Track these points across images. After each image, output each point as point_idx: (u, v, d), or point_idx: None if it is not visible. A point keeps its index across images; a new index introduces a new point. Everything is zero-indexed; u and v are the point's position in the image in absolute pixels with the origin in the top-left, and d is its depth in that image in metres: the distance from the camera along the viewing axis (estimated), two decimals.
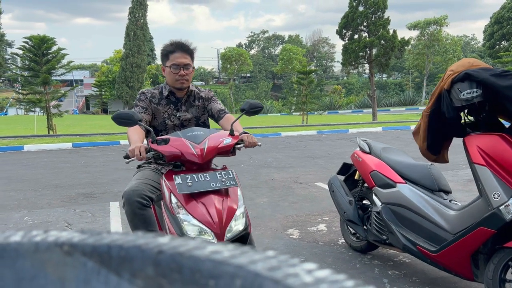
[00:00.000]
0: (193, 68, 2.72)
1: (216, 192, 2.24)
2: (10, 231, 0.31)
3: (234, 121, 2.52)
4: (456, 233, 2.52)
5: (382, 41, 22.46)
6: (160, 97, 2.72)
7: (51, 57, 17.85)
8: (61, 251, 0.28)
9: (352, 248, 3.55)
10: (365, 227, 3.28)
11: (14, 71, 20.59)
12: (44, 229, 0.31)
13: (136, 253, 0.26)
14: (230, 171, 2.33)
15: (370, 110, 26.09)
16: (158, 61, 54.34)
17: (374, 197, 3.14)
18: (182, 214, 2.15)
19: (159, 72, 49.73)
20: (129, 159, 2.30)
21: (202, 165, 2.31)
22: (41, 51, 17.46)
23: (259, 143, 2.55)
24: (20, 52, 17.89)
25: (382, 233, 3.06)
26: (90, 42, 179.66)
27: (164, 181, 2.28)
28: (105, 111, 48.57)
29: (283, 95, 46.35)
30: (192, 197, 2.19)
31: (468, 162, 2.45)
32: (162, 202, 2.36)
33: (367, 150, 3.31)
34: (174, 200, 2.18)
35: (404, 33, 36.79)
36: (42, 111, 18.16)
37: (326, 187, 4.15)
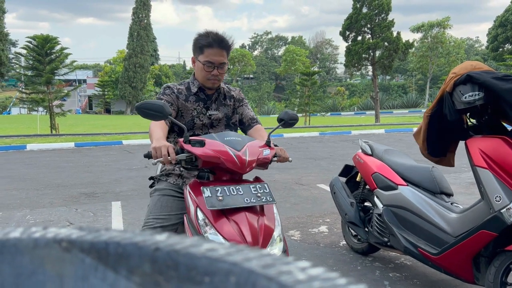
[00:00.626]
0: (228, 66, 2.42)
1: (250, 208, 1.96)
2: (10, 228, 0.32)
3: (272, 131, 2.26)
4: (457, 235, 2.52)
5: (386, 43, 22.44)
6: (188, 94, 2.41)
7: (54, 57, 17.91)
8: (59, 248, 0.28)
9: (353, 250, 3.55)
10: (366, 229, 3.28)
11: (17, 70, 20.66)
12: (43, 225, 0.31)
13: (133, 250, 0.27)
14: (265, 185, 2.06)
15: (373, 112, 26.07)
16: (161, 62, 54.51)
17: (376, 199, 3.14)
18: (210, 234, 1.87)
19: (162, 72, 49.86)
20: (156, 160, 1.98)
21: (236, 176, 2.08)
22: (44, 51, 17.53)
23: (291, 159, 2.34)
24: (24, 51, 17.96)
25: (383, 235, 3.06)
26: (94, 42, 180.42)
27: (189, 192, 2.01)
28: (107, 111, 48.71)
29: (286, 96, 46.41)
30: (222, 213, 1.92)
31: (470, 164, 2.44)
32: (185, 216, 2.09)
33: (369, 152, 3.31)
34: (201, 216, 1.91)
35: (407, 36, 36.69)
36: (45, 110, 18.23)
37: (328, 188, 4.15)
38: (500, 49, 38.63)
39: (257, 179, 2.13)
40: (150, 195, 2.36)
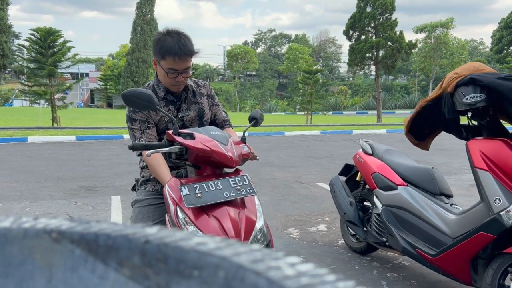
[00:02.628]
0: (193, 68, 2.26)
1: (230, 202, 1.93)
2: (0, 217, 0.32)
3: (246, 129, 2.25)
4: (456, 237, 2.52)
5: (389, 43, 22.40)
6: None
7: (57, 50, 17.92)
8: (49, 238, 0.28)
9: (351, 249, 3.55)
10: (365, 228, 3.28)
11: (20, 62, 20.70)
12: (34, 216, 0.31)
13: (123, 242, 0.26)
14: (245, 177, 2.02)
15: (375, 111, 26.05)
16: None
17: (375, 199, 3.14)
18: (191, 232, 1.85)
19: None
20: (151, 152, 1.92)
21: (221, 170, 2.06)
22: (47, 43, 17.53)
23: (258, 157, 2.34)
24: (27, 43, 17.97)
25: (382, 235, 3.05)
26: (97, 36, 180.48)
27: (168, 191, 1.96)
28: (109, 105, 48.76)
29: (288, 94, 46.39)
30: (202, 210, 1.89)
31: (470, 166, 2.44)
32: (166, 216, 2.05)
33: (370, 151, 3.31)
34: (181, 215, 1.88)
35: (411, 37, 36.80)
36: (46, 103, 18.25)
37: (328, 187, 4.16)
38: (504, 51, 38.52)
39: (237, 171, 2.08)
40: (131, 205, 2.33)
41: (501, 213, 2.22)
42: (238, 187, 1.95)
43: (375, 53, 22.99)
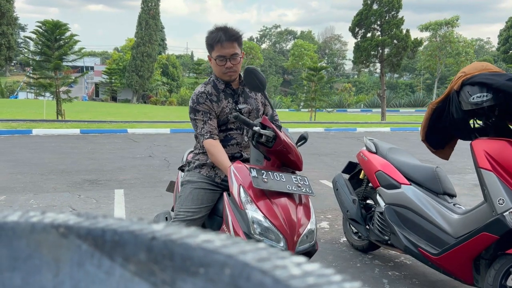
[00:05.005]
0: (242, 56, 2.40)
1: (290, 196, 2.07)
2: (8, 211, 0.32)
3: (299, 146, 2.40)
4: (458, 237, 2.51)
5: (395, 41, 22.31)
6: (217, 92, 2.39)
7: (63, 43, 17.94)
8: (56, 233, 0.28)
9: (353, 247, 3.55)
10: (367, 226, 3.28)
11: (26, 55, 20.73)
12: (42, 210, 0.31)
13: (130, 238, 0.26)
14: (305, 178, 2.18)
15: (379, 110, 25.98)
16: (169, 52, 54.43)
17: (378, 197, 3.13)
18: (251, 210, 1.95)
19: (170, 62, 49.85)
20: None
21: (286, 168, 2.20)
22: (54, 36, 17.56)
23: None
24: (34, 36, 18.00)
25: (384, 233, 3.05)
26: (102, 29, 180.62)
27: (233, 171, 2.07)
28: (114, 99, 48.81)
29: (293, 91, 46.31)
30: (265, 195, 2.01)
31: (474, 166, 2.43)
32: (225, 194, 2.16)
33: (374, 149, 3.30)
34: (243, 194, 1.99)
35: (416, 35, 36.55)
36: (51, 96, 18.30)
37: (331, 185, 4.15)
38: (511, 51, 38.26)
39: (294, 172, 2.23)
40: (181, 184, 2.43)
41: (504, 214, 2.22)
42: (299, 185, 2.09)
43: (380, 51, 22.90)
